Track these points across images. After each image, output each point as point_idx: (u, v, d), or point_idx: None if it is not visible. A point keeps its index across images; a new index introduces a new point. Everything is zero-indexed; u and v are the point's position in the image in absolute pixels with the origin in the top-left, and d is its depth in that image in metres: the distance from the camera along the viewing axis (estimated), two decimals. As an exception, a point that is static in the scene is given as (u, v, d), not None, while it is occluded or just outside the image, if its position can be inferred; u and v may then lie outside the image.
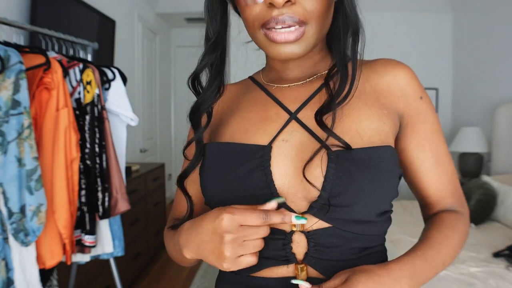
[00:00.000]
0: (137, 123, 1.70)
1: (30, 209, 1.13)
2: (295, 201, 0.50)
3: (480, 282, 1.59)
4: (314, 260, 0.50)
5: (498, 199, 2.46)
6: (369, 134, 0.51)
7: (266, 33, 0.50)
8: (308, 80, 0.57)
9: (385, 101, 0.54)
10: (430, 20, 4.15)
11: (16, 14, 1.90)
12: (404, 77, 0.56)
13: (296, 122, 0.53)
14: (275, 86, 0.59)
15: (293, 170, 0.51)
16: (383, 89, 0.55)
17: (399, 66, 0.58)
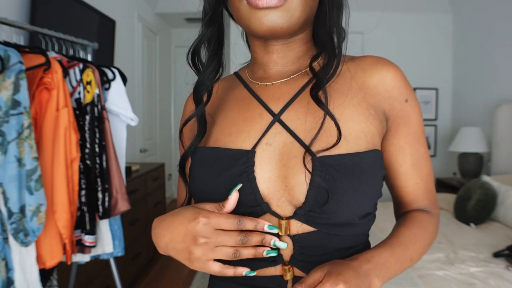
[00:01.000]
0: (137, 123, 1.70)
1: (30, 209, 1.13)
2: (280, 205, 0.50)
3: (480, 282, 1.59)
4: (299, 262, 0.51)
5: (498, 199, 2.46)
6: (354, 136, 0.50)
7: (249, 1, 0.49)
8: (292, 77, 0.56)
9: (372, 101, 0.54)
10: (430, 20, 4.15)
11: (16, 14, 1.90)
12: (392, 78, 0.55)
13: (280, 124, 0.52)
14: (258, 84, 0.58)
15: (277, 174, 0.50)
16: (370, 88, 0.54)
17: (388, 66, 0.56)
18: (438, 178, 3.78)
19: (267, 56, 0.57)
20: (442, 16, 4.14)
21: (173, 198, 5.30)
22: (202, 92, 0.57)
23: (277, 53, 0.56)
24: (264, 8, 0.48)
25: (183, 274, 2.90)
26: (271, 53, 0.56)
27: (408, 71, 4.58)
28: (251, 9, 0.49)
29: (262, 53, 0.57)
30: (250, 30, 0.52)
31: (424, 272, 1.70)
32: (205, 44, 0.57)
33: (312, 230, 0.50)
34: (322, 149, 0.48)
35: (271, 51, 0.56)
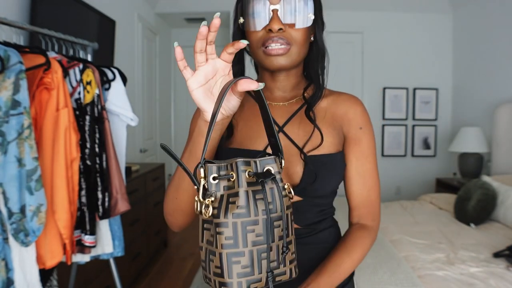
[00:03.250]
0: (137, 123, 1.70)
1: (30, 209, 1.13)
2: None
3: (481, 282, 1.59)
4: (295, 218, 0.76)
5: (498, 199, 2.46)
6: (329, 144, 0.78)
7: (264, 50, 0.74)
8: (290, 102, 0.83)
9: (336, 125, 0.81)
10: (430, 20, 4.15)
11: (16, 14, 1.90)
12: (354, 112, 0.82)
13: (282, 133, 0.79)
14: (268, 103, 0.77)
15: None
16: (337, 115, 0.82)
17: (354, 102, 0.83)
18: (438, 178, 3.79)
19: (273, 83, 0.83)
20: (442, 16, 4.14)
21: (173, 198, 5.30)
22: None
23: (279, 82, 0.82)
24: (274, 55, 0.74)
25: (183, 274, 2.90)
26: (276, 82, 0.82)
27: (408, 71, 4.59)
28: (266, 55, 0.74)
29: (269, 81, 0.83)
30: (264, 67, 0.78)
31: (424, 272, 1.70)
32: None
33: (300, 199, 0.77)
34: (312, 149, 0.77)
35: (276, 80, 0.82)
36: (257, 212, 0.54)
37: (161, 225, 3.28)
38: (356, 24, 4.12)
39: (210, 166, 0.56)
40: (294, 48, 0.74)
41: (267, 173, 0.56)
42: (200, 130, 0.66)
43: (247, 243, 0.53)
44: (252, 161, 0.58)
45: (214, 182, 0.56)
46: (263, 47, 0.74)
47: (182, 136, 5.24)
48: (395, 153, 4.25)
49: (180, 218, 0.74)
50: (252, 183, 0.56)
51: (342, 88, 0.86)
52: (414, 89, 4.18)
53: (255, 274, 0.54)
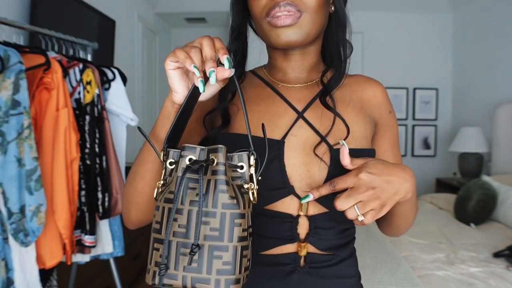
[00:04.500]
0: (137, 123, 1.70)
1: (29, 209, 1.13)
2: (301, 187, 0.60)
3: (480, 282, 1.59)
4: (313, 239, 0.61)
5: (498, 199, 2.46)
6: (358, 137, 0.64)
7: (269, 21, 0.60)
8: (309, 83, 0.68)
9: (367, 111, 0.68)
10: (430, 20, 4.15)
11: (16, 14, 1.90)
12: (381, 94, 0.70)
13: (303, 120, 0.64)
14: (280, 85, 0.68)
15: (301, 161, 0.61)
16: (365, 100, 0.69)
17: (378, 84, 0.72)
18: (438, 178, 3.78)
19: (286, 62, 0.68)
20: (442, 16, 4.14)
21: (173, 198, 5.31)
22: (227, 93, 0.66)
23: (294, 61, 0.67)
24: (281, 27, 0.59)
25: (183, 274, 2.89)
26: (289, 61, 0.68)
27: (408, 71, 4.59)
28: (271, 27, 0.60)
29: (281, 60, 0.68)
30: (270, 43, 0.63)
31: (424, 272, 1.70)
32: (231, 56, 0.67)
33: (325, 211, 0.61)
34: (335, 143, 0.61)
35: (290, 59, 0.67)
36: (185, 201, 0.49)
37: (161, 225, 3.27)
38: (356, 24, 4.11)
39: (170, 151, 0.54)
40: (306, 16, 0.59)
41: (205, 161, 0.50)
42: (166, 111, 0.57)
43: (170, 233, 0.48)
44: (200, 148, 0.52)
45: (170, 167, 0.53)
46: (268, 17, 0.60)
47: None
48: (395, 153, 4.25)
49: (134, 212, 0.63)
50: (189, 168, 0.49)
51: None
52: (414, 89, 4.17)
53: (171, 268, 0.48)
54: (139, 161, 0.62)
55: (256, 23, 0.64)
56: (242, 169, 0.51)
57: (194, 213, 0.48)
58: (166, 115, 0.57)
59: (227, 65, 0.50)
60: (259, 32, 0.65)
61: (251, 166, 0.51)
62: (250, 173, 0.51)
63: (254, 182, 0.51)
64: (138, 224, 0.65)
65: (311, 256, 0.61)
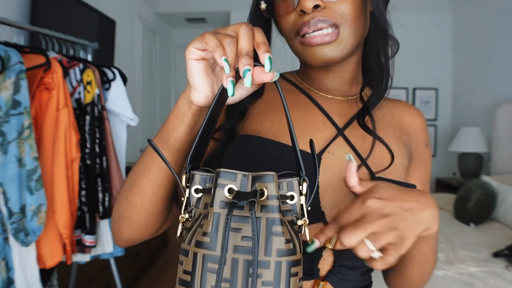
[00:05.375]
0: (137, 123, 1.70)
1: (30, 209, 1.13)
2: (332, 214, 0.51)
3: (480, 282, 1.59)
4: (335, 279, 0.51)
5: (498, 199, 2.46)
6: (400, 168, 0.56)
7: (301, 40, 0.52)
8: (350, 98, 0.60)
9: (405, 139, 0.60)
10: (430, 20, 4.15)
11: (16, 14, 1.90)
12: (420, 123, 0.63)
13: (343, 138, 0.56)
14: (318, 94, 0.60)
15: (336, 185, 0.52)
16: (404, 127, 0.61)
17: (418, 112, 0.64)
18: (438, 178, 3.79)
19: (324, 73, 0.60)
20: (442, 16, 4.14)
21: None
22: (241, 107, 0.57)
23: (333, 72, 0.59)
24: (315, 45, 0.51)
25: (183, 274, 2.90)
26: (327, 72, 0.59)
27: (408, 71, 4.61)
28: (304, 46, 0.52)
29: (317, 70, 0.60)
30: (305, 62, 0.55)
31: (424, 272, 1.70)
32: None
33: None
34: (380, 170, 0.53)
35: (329, 70, 0.59)
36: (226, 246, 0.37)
37: (161, 225, 3.28)
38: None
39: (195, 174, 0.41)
40: (344, 30, 0.51)
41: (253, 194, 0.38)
42: (180, 112, 0.46)
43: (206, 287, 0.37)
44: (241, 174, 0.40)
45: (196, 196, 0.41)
46: (299, 36, 0.52)
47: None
48: (395, 153, 4.25)
49: (125, 229, 0.53)
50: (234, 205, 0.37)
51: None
52: (414, 89, 4.18)
53: None
54: (138, 170, 0.50)
55: (287, 41, 0.56)
56: (293, 200, 0.41)
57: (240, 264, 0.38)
58: (179, 116, 0.46)
59: (268, 67, 0.39)
60: (292, 49, 0.57)
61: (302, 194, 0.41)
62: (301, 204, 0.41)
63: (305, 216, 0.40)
64: (129, 242, 0.55)
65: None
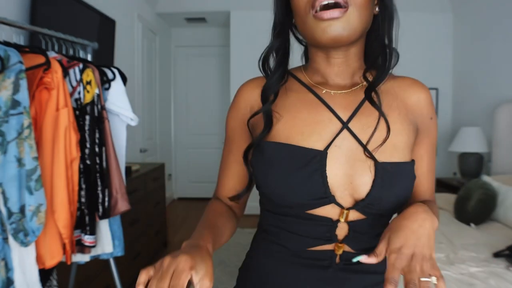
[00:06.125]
0: (137, 123, 1.70)
1: (29, 209, 1.13)
2: (342, 197, 0.61)
3: (481, 282, 1.59)
4: (351, 241, 0.64)
5: (498, 199, 2.46)
6: (403, 147, 0.63)
7: (315, 15, 0.57)
8: (353, 89, 0.66)
9: (411, 117, 0.66)
10: (430, 20, 4.15)
11: (16, 14, 1.90)
12: (425, 99, 0.68)
13: (347, 130, 0.62)
14: (324, 91, 0.66)
15: (343, 172, 0.61)
16: (410, 106, 0.67)
17: (423, 88, 0.70)
18: (438, 178, 3.78)
19: (329, 68, 0.66)
20: (442, 16, 4.14)
21: (173, 198, 5.30)
22: (270, 93, 0.66)
23: (337, 66, 0.65)
24: (328, 19, 0.57)
25: (183, 274, 2.89)
26: (332, 66, 0.66)
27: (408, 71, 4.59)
28: (316, 21, 0.58)
29: (324, 65, 0.66)
30: (314, 39, 0.60)
31: (424, 272, 1.70)
32: (273, 53, 0.67)
33: (363, 218, 0.62)
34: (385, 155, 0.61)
35: (333, 64, 0.65)
36: None
37: (161, 225, 3.27)
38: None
39: None
40: (353, 10, 0.57)
41: None
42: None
43: None
44: None
45: None
46: (313, 10, 0.58)
47: (182, 136, 5.24)
48: (395, 153, 4.25)
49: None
50: None
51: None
52: (414, 89, 4.17)
53: None
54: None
55: (299, 20, 0.61)
56: None
57: None
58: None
59: None
60: (302, 30, 0.62)
61: None
62: None
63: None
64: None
65: (346, 254, 0.64)
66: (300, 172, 0.60)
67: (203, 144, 5.19)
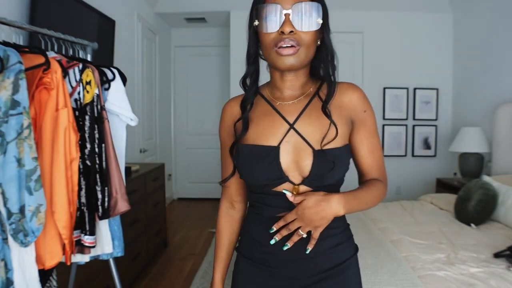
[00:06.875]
0: (136, 123, 1.69)
1: (29, 209, 1.13)
2: (294, 176, 0.86)
3: (481, 283, 1.59)
4: None
5: (499, 199, 2.46)
6: (341, 133, 0.86)
7: (277, 50, 0.82)
8: (298, 99, 0.91)
9: (345, 114, 0.90)
10: (431, 20, 4.15)
11: (16, 14, 1.89)
12: (356, 98, 0.91)
13: (293, 130, 0.87)
14: (278, 103, 0.92)
15: (292, 159, 0.86)
16: (344, 105, 0.90)
17: (354, 89, 0.91)
18: (438, 178, 3.78)
19: (283, 83, 0.91)
20: (442, 16, 4.14)
21: (173, 199, 5.30)
22: (247, 104, 0.93)
23: (289, 81, 0.90)
24: (285, 55, 0.82)
25: (183, 274, 2.89)
26: (285, 82, 0.91)
27: (408, 71, 4.60)
28: (277, 55, 0.83)
29: (280, 81, 0.91)
30: (276, 67, 0.86)
31: (424, 273, 1.70)
32: (249, 76, 0.93)
33: (310, 189, 0.86)
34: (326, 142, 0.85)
35: (286, 80, 0.90)
36: None
37: (161, 225, 3.27)
38: (356, 24, 4.12)
39: None
40: (302, 49, 0.83)
41: None
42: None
43: None
44: None
45: None
46: (276, 47, 0.82)
47: (182, 136, 5.24)
48: (395, 153, 4.24)
49: None
50: None
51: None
52: (415, 89, 4.17)
53: None
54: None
55: (266, 52, 0.86)
56: None
57: None
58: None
59: None
60: (267, 59, 0.87)
61: None
62: None
63: None
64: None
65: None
66: (263, 163, 0.86)
67: (203, 144, 5.19)
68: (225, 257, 1.02)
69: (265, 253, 0.91)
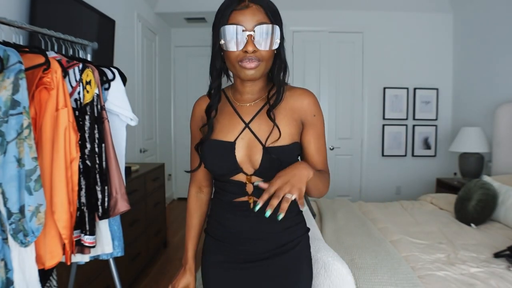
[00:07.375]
0: (136, 123, 1.69)
1: (29, 209, 1.13)
2: (247, 168, 1.00)
3: (481, 283, 1.59)
4: (255, 193, 1.01)
5: (499, 200, 2.46)
6: (287, 135, 1.00)
7: (241, 64, 0.95)
8: (255, 102, 1.05)
9: (295, 116, 1.03)
10: (431, 20, 4.15)
11: (16, 13, 1.89)
12: (308, 103, 1.03)
13: (248, 129, 1.01)
14: (238, 104, 1.06)
15: (245, 154, 1.00)
16: (295, 108, 1.03)
17: (307, 95, 1.04)
18: (438, 178, 3.78)
19: (244, 88, 1.05)
20: (443, 16, 4.14)
21: (173, 199, 5.30)
22: (212, 110, 1.06)
23: (249, 87, 1.04)
24: (248, 69, 0.95)
25: (183, 274, 2.89)
26: (245, 87, 1.04)
27: (408, 71, 4.59)
28: (241, 68, 0.96)
29: (241, 86, 1.05)
30: (239, 77, 1.00)
31: (425, 273, 1.70)
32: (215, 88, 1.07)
33: (261, 180, 0.98)
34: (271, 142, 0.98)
35: (245, 86, 1.04)
36: None
37: (161, 225, 3.27)
38: (356, 24, 4.12)
39: None
40: (263, 64, 0.96)
41: None
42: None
43: None
44: None
45: None
46: (240, 62, 0.95)
47: (182, 136, 5.24)
48: (395, 153, 4.25)
49: None
50: None
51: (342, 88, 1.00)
52: (415, 89, 4.17)
53: None
54: None
55: (231, 65, 0.98)
56: None
57: None
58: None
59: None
60: (232, 71, 1.01)
61: None
62: None
63: None
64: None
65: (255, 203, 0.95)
66: (222, 156, 1.00)
67: (203, 144, 5.19)
68: (195, 236, 1.18)
69: (227, 232, 1.06)
